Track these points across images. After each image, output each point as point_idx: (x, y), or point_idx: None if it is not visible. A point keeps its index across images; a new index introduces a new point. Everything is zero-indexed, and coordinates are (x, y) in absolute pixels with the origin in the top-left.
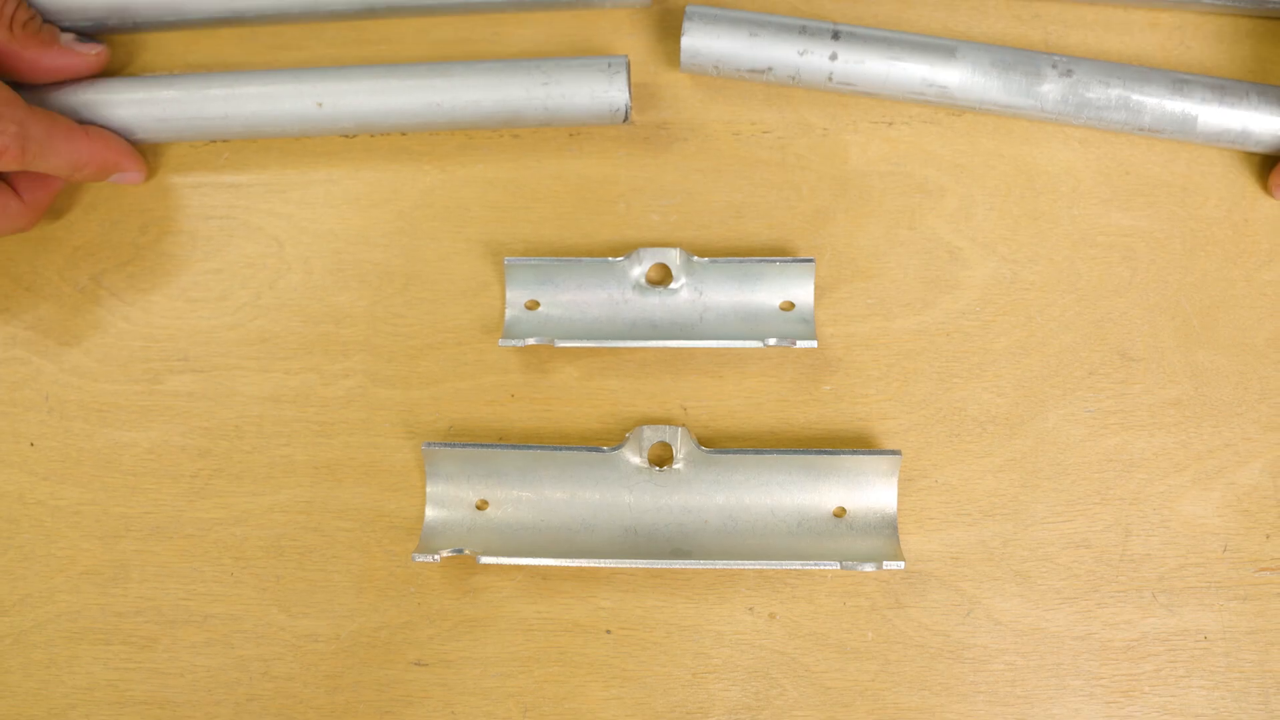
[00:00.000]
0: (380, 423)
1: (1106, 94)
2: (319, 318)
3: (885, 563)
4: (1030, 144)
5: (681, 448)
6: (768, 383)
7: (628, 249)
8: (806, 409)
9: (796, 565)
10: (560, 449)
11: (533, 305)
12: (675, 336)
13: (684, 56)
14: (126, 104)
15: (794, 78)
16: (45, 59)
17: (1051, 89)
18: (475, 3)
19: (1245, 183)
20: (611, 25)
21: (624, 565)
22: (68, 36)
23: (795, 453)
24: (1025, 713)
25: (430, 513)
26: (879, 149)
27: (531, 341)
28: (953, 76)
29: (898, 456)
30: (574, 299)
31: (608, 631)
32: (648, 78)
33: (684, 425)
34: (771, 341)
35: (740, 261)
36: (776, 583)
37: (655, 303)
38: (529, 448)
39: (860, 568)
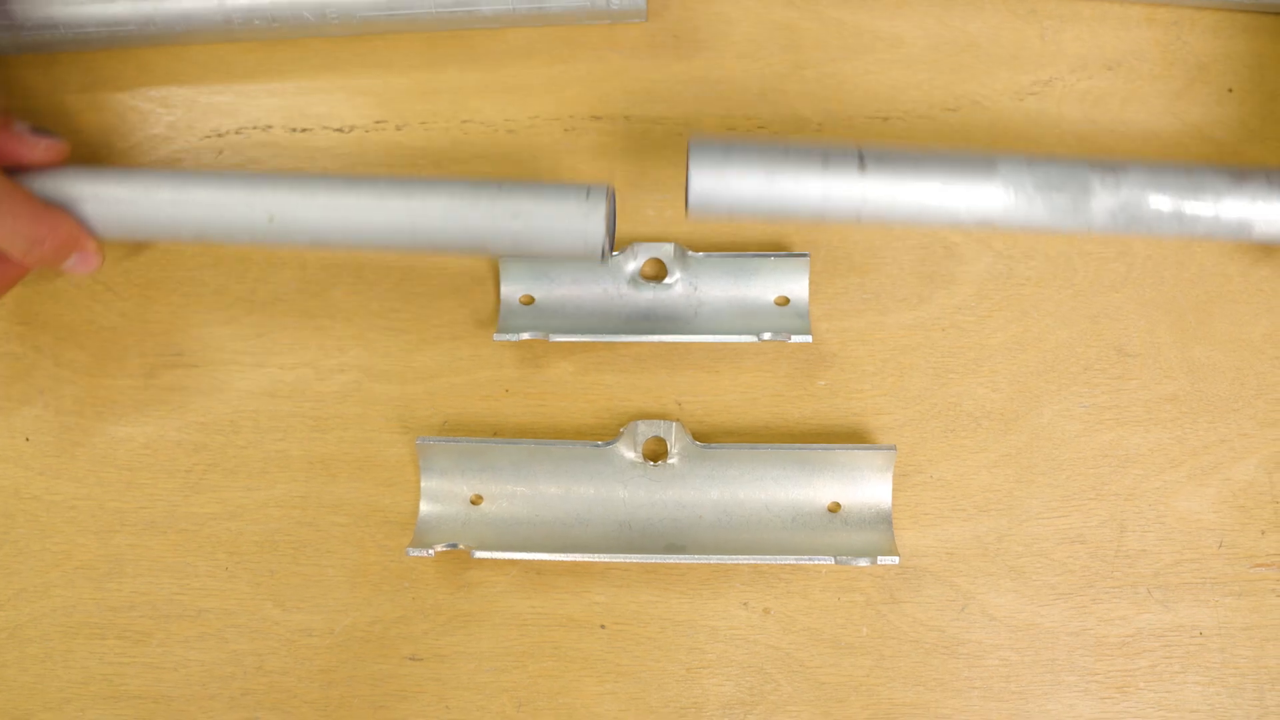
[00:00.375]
0: (375, 418)
1: (1159, 212)
2: (314, 312)
3: (880, 558)
4: (1027, 139)
5: (676, 443)
6: (762, 377)
7: (623, 243)
8: (801, 404)
9: (791, 560)
10: (555, 444)
11: (527, 300)
12: (670, 331)
13: (691, 211)
14: (73, 201)
15: (819, 218)
16: None
17: (1099, 208)
18: (473, 17)
19: None
20: (610, 26)
21: (618, 560)
22: (22, 125)
23: (790, 447)
24: (1020, 708)
25: (424, 507)
26: None
27: (526, 336)
28: (994, 206)
29: (892, 451)
30: (569, 294)
31: (602, 626)
32: (645, 75)
33: (678, 420)
34: (766, 336)
35: (735, 256)
36: (771, 578)
37: (650, 297)
38: (523, 443)
39: (855, 563)
